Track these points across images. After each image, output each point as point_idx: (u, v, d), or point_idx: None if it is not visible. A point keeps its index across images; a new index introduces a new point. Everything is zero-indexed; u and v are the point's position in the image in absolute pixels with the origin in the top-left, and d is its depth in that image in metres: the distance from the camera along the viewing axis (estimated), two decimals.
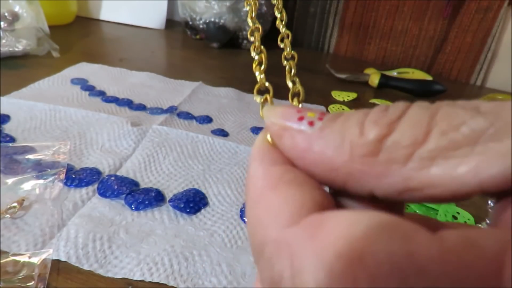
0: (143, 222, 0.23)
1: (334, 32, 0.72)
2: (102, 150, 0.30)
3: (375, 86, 0.56)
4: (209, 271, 0.21)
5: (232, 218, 0.25)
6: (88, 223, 0.22)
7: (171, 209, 0.25)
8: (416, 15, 0.66)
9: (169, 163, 0.30)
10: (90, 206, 0.24)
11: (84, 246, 0.21)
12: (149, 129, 0.33)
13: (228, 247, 0.23)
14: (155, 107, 0.39)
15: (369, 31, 0.70)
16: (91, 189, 0.25)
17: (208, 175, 0.29)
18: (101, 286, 0.20)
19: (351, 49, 0.73)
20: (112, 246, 0.21)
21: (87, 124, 0.33)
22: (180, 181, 0.28)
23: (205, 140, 0.33)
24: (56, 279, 0.20)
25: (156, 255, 0.21)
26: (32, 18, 0.48)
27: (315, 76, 0.59)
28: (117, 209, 0.24)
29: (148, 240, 0.22)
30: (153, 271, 0.20)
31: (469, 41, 0.66)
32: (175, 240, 0.23)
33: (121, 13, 0.72)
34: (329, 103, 0.48)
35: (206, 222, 0.24)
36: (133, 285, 0.20)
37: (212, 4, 0.60)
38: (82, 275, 0.20)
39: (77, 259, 0.20)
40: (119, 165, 0.28)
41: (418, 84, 0.56)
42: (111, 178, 0.26)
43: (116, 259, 0.21)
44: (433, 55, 0.69)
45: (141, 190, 0.26)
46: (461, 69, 0.68)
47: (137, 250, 0.21)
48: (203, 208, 0.26)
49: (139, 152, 0.30)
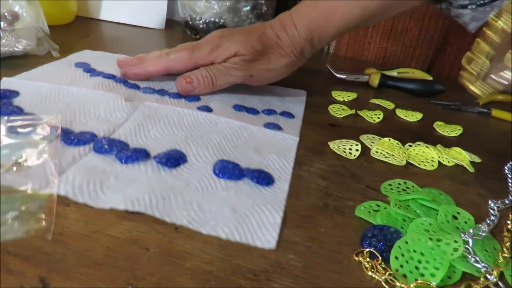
0: (130, 172, 0.29)
1: None
2: (98, 119, 0.35)
3: (375, 86, 0.56)
4: (182, 207, 0.26)
5: (206, 173, 0.30)
6: (83, 171, 0.28)
7: (154, 163, 0.30)
8: (416, 15, 0.66)
9: (156, 131, 0.35)
10: (86, 159, 0.29)
11: (79, 186, 0.26)
12: (140, 104, 0.39)
13: (200, 192, 0.28)
14: (148, 87, 0.44)
15: (369, 31, 0.70)
16: (87, 148, 0.30)
17: (190, 140, 0.34)
18: (101, 286, 0.20)
19: (351, 49, 0.73)
20: (103, 187, 0.27)
21: (86, 99, 0.38)
22: (164, 143, 0.33)
23: (190, 113, 0.39)
24: (56, 279, 0.20)
25: (139, 194, 0.26)
26: (32, 18, 0.48)
27: (315, 76, 0.59)
28: (109, 163, 0.29)
29: (133, 184, 0.27)
30: (135, 205, 0.25)
31: (469, 41, 0.66)
32: (155, 185, 0.28)
33: (121, 13, 0.72)
34: (329, 103, 0.48)
35: (183, 174, 0.30)
36: (133, 285, 0.20)
37: (212, 4, 0.60)
38: (82, 275, 0.20)
39: (73, 195, 0.25)
40: (112, 130, 0.34)
41: (418, 84, 0.56)
42: (105, 139, 0.32)
43: (106, 196, 0.26)
44: (433, 55, 0.69)
45: (130, 149, 0.31)
46: (461, 69, 0.68)
47: (123, 191, 0.26)
48: (182, 164, 0.31)
49: (130, 121, 0.36)
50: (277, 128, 0.39)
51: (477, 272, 0.24)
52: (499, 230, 0.28)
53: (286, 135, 0.38)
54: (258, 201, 0.28)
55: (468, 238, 0.25)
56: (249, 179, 0.30)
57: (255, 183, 0.30)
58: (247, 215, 0.26)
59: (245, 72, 0.43)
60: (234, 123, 0.38)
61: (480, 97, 0.56)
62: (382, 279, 0.23)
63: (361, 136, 0.40)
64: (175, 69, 0.44)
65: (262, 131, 0.38)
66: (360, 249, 0.25)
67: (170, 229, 0.24)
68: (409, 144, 0.40)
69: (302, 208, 0.28)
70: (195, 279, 0.21)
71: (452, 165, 0.37)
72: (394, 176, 0.34)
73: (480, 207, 0.32)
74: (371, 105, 0.51)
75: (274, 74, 0.45)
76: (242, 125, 0.38)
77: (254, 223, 0.26)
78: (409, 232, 0.26)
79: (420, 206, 0.30)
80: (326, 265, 0.23)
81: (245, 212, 0.26)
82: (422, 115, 0.49)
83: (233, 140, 0.36)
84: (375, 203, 0.29)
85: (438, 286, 0.23)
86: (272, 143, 0.36)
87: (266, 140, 0.37)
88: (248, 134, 0.37)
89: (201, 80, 0.42)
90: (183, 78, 0.43)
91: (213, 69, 0.42)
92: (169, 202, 0.26)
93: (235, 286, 0.21)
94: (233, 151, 0.34)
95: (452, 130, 0.45)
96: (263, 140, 0.36)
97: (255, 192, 0.29)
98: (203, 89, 0.43)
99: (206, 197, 0.27)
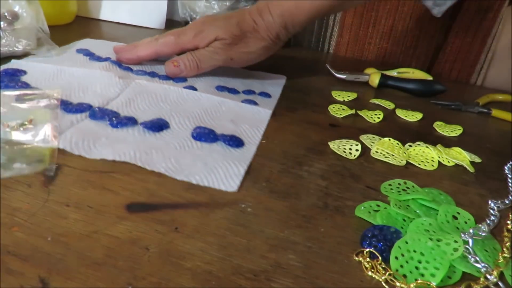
0: (119, 135, 0.34)
1: (334, 32, 0.72)
2: (94, 93, 0.40)
3: (375, 86, 0.56)
4: (161, 160, 0.31)
5: (185, 136, 0.35)
6: (79, 132, 0.33)
7: (141, 128, 0.35)
8: (416, 15, 0.66)
9: (144, 104, 0.40)
10: (82, 124, 0.34)
11: (75, 143, 0.31)
12: (132, 82, 0.43)
13: (178, 150, 0.33)
14: (140, 70, 0.49)
15: (369, 31, 0.70)
16: (84, 115, 0.35)
17: (174, 112, 0.39)
18: (101, 286, 0.20)
19: (351, 49, 0.73)
20: (95, 144, 0.32)
21: (84, 78, 0.43)
22: (151, 114, 0.38)
23: (175, 90, 0.44)
24: (56, 279, 0.20)
25: (125, 150, 0.31)
26: (32, 18, 0.48)
27: (315, 76, 0.59)
28: (102, 127, 0.34)
29: (121, 143, 0.32)
30: (122, 156, 0.30)
31: (469, 41, 0.66)
32: (140, 144, 0.33)
33: (121, 13, 0.72)
34: (329, 103, 0.48)
35: (165, 137, 0.34)
36: (133, 285, 0.20)
37: (212, 4, 0.60)
38: (82, 275, 0.20)
39: (70, 149, 0.31)
40: (106, 103, 0.39)
41: (418, 84, 0.56)
42: (99, 109, 0.37)
43: (97, 150, 0.31)
44: (433, 55, 0.69)
45: (121, 117, 0.36)
46: (461, 69, 0.68)
47: (113, 147, 0.32)
48: (165, 129, 0.36)
49: (122, 96, 0.40)
50: (253, 103, 0.44)
51: (477, 272, 0.24)
52: (499, 230, 0.28)
53: (260, 109, 0.43)
54: (227, 158, 0.32)
55: (468, 238, 0.25)
56: (222, 142, 0.35)
57: (227, 145, 0.34)
58: (216, 168, 0.31)
59: (226, 55, 0.47)
60: (214, 98, 0.43)
61: (480, 97, 0.56)
62: (382, 279, 0.23)
63: (361, 136, 0.40)
64: (164, 53, 0.48)
65: (239, 105, 0.43)
66: (360, 249, 0.25)
67: (170, 229, 0.24)
68: (409, 144, 0.40)
69: (302, 208, 0.28)
70: (195, 279, 0.21)
71: (452, 165, 0.37)
72: (394, 176, 0.34)
73: (480, 207, 0.32)
74: (371, 105, 0.51)
75: (253, 56, 0.49)
76: (222, 100, 0.43)
77: (221, 173, 0.30)
78: (409, 232, 0.26)
79: (420, 206, 0.30)
80: (326, 265, 0.23)
81: (215, 165, 0.31)
82: (422, 115, 0.49)
83: (212, 113, 0.40)
84: (375, 203, 0.29)
85: (438, 286, 0.23)
86: (247, 115, 0.41)
87: (242, 113, 0.41)
88: (226, 107, 0.42)
89: (187, 64, 0.47)
90: (171, 62, 0.47)
91: (198, 54, 0.47)
92: (150, 156, 0.31)
93: (235, 286, 0.21)
94: (211, 121, 0.39)
95: (452, 130, 0.45)
96: (239, 113, 0.41)
97: (225, 152, 0.34)
98: (189, 72, 0.47)
99: (183, 154, 0.32)
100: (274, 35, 0.48)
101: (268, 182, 0.31)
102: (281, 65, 0.61)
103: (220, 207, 0.27)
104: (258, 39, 0.48)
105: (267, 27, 0.47)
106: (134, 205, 0.26)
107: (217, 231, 0.25)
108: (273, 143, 0.37)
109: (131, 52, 0.49)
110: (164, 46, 0.48)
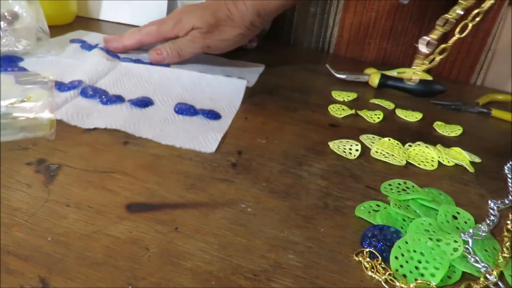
0: (109, 110, 0.38)
1: (334, 32, 0.72)
2: (84, 71, 0.44)
3: (375, 86, 0.56)
4: (147, 129, 0.36)
5: (168, 111, 0.40)
6: (73, 107, 0.37)
7: (128, 104, 0.40)
8: (416, 15, 0.66)
9: (130, 84, 0.44)
10: (75, 101, 0.39)
11: (71, 115, 0.36)
12: (118, 65, 0.47)
13: (162, 122, 0.37)
14: (126, 57, 0.53)
15: (369, 31, 0.70)
16: (76, 92, 0.40)
17: (157, 91, 0.43)
18: (101, 286, 0.20)
19: (351, 49, 0.73)
20: (88, 117, 0.36)
21: (75, 61, 0.48)
22: (136, 93, 0.42)
23: (158, 70, 0.48)
24: (56, 279, 0.20)
25: (116, 120, 0.36)
26: (32, 18, 0.48)
27: (315, 76, 0.59)
28: (93, 104, 0.39)
29: (111, 116, 0.37)
30: (113, 125, 0.35)
31: (469, 41, 0.66)
32: (128, 116, 0.37)
33: (121, 13, 0.72)
34: (329, 103, 0.48)
35: (150, 112, 0.39)
36: (133, 285, 0.20)
37: None
38: (82, 275, 0.20)
39: (67, 119, 0.35)
40: (95, 81, 0.43)
41: (418, 84, 0.56)
42: (90, 87, 0.41)
43: (90, 121, 0.35)
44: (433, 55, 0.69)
45: (109, 95, 0.40)
46: (461, 69, 0.68)
47: (104, 119, 0.36)
48: (150, 105, 0.40)
49: (109, 76, 0.44)
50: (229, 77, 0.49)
51: (477, 272, 0.24)
52: (499, 230, 0.28)
53: (236, 80, 0.47)
54: (206, 128, 0.37)
55: (468, 238, 0.26)
56: (201, 115, 0.40)
57: (206, 118, 0.39)
58: (196, 135, 0.36)
59: (203, 43, 0.50)
60: (194, 74, 0.47)
61: (480, 97, 0.56)
62: (382, 279, 0.23)
63: (361, 136, 0.40)
64: (147, 42, 0.52)
65: (217, 78, 0.47)
66: (360, 249, 0.25)
67: (170, 229, 0.24)
68: (409, 144, 0.40)
69: (302, 208, 0.28)
70: (195, 279, 0.21)
71: (452, 165, 0.37)
72: (394, 176, 0.34)
73: (480, 207, 0.32)
74: (371, 105, 0.51)
75: (229, 43, 0.52)
76: (201, 75, 0.47)
77: (201, 139, 0.35)
78: (409, 232, 0.26)
79: (420, 206, 0.30)
80: (326, 265, 0.23)
81: (195, 133, 0.36)
82: (422, 115, 0.49)
83: (193, 91, 0.45)
84: (375, 203, 0.29)
85: (438, 286, 0.23)
86: (225, 90, 0.45)
87: (220, 88, 0.46)
88: (205, 83, 0.46)
89: (169, 52, 0.50)
90: (154, 51, 0.51)
91: (178, 42, 0.51)
92: (138, 126, 0.36)
93: (235, 286, 0.21)
94: (191, 99, 0.43)
95: (452, 130, 0.45)
96: (218, 89, 0.46)
97: (204, 123, 0.38)
98: (171, 59, 0.51)
99: (166, 124, 0.37)
100: (248, 23, 0.50)
101: (268, 182, 0.31)
102: (281, 65, 0.61)
103: (220, 207, 0.27)
104: (233, 27, 0.51)
105: (240, 15, 0.50)
106: (134, 205, 0.26)
107: (217, 231, 0.25)
108: (273, 143, 0.37)
109: (117, 41, 0.52)
110: (147, 35, 0.52)
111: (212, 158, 0.33)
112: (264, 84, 0.52)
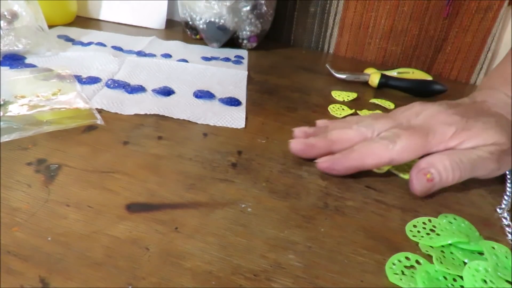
0: (137, 98, 0.41)
1: (334, 32, 0.72)
2: (97, 69, 0.47)
3: (375, 86, 0.56)
4: (180, 111, 0.39)
5: (189, 98, 0.44)
6: (104, 97, 0.40)
7: (153, 93, 0.43)
8: (416, 15, 0.66)
9: (143, 75, 0.48)
10: (103, 92, 0.42)
11: (107, 103, 0.39)
12: (125, 59, 0.51)
13: (188, 106, 0.42)
14: (129, 49, 0.56)
15: (369, 31, 0.70)
16: (100, 85, 0.43)
17: (171, 79, 0.48)
18: (101, 286, 0.20)
19: (351, 49, 0.73)
20: (123, 105, 0.39)
21: (82, 59, 0.49)
22: (153, 82, 0.46)
23: (165, 63, 0.52)
24: (56, 279, 0.20)
25: (149, 107, 0.39)
26: (31, 17, 0.48)
27: (315, 76, 0.59)
28: (119, 94, 0.42)
29: (142, 103, 0.40)
30: (150, 111, 0.38)
31: (469, 41, 0.66)
32: (158, 103, 0.41)
33: (121, 13, 0.72)
34: (329, 103, 0.48)
35: (174, 98, 0.43)
36: (133, 285, 0.20)
37: (212, 4, 0.60)
38: (82, 275, 0.20)
39: (106, 107, 0.38)
40: (112, 76, 0.46)
41: (418, 84, 0.56)
42: (112, 80, 0.44)
43: (127, 108, 0.39)
44: (433, 55, 0.69)
45: (132, 85, 0.44)
46: (461, 69, 0.68)
47: (137, 106, 0.39)
48: (172, 94, 0.44)
49: (122, 71, 0.48)
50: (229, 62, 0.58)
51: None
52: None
53: (238, 71, 0.54)
54: (227, 109, 0.42)
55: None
56: (221, 103, 0.43)
57: (225, 104, 0.43)
58: (223, 114, 0.40)
59: (498, 164, 0.32)
60: (199, 66, 0.53)
61: None
62: None
63: None
64: (399, 162, 0.32)
65: (220, 70, 0.53)
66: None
67: (170, 229, 0.24)
68: None
69: (302, 208, 0.28)
70: (195, 279, 0.21)
71: None
72: (394, 176, 0.34)
73: (480, 207, 0.32)
74: (371, 105, 0.51)
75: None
76: (205, 67, 0.53)
77: (228, 117, 0.40)
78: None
79: (459, 249, 0.25)
80: (326, 265, 0.23)
81: (222, 113, 0.40)
82: None
83: (201, 78, 0.49)
84: (403, 256, 0.24)
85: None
86: (229, 78, 0.51)
87: (225, 76, 0.51)
88: (211, 73, 0.51)
89: (443, 175, 0.30)
90: (423, 174, 0.30)
91: (463, 158, 0.31)
92: (171, 109, 0.39)
93: (235, 286, 0.21)
94: (203, 85, 0.47)
95: None
96: (223, 77, 0.51)
97: (224, 106, 0.43)
98: (442, 185, 0.31)
99: (193, 108, 0.41)
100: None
101: (268, 182, 0.31)
102: (281, 65, 0.61)
103: (220, 207, 0.27)
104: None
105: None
106: (134, 205, 0.26)
107: (217, 231, 0.25)
108: (273, 143, 0.37)
109: (339, 161, 0.32)
110: (402, 152, 0.31)
111: (212, 158, 0.33)
112: (264, 84, 0.52)
